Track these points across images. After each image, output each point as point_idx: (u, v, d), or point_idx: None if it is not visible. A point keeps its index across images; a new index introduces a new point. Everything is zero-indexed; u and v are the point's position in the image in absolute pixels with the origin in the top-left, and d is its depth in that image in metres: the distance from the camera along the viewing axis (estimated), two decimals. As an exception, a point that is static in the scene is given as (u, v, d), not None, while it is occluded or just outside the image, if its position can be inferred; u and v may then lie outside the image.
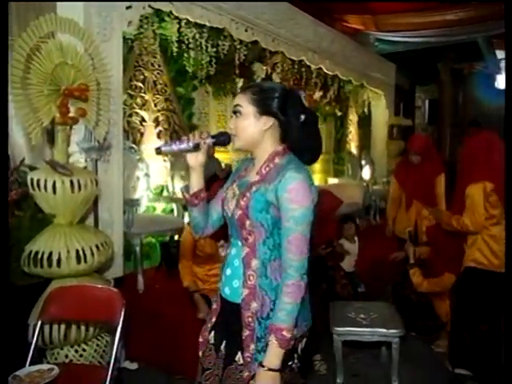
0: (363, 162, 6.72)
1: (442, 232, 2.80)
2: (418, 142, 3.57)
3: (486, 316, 2.53)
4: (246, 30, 4.10)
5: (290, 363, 1.40)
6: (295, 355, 1.42)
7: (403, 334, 2.57)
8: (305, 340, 1.45)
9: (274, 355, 1.30)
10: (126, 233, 3.19)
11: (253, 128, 1.39)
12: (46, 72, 2.18)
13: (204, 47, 3.80)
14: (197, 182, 1.50)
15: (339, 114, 6.78)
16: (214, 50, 3.90)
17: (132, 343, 2.79)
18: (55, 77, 2.23)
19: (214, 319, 1.50)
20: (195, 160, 1.46)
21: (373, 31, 7.49)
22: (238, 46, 4.10)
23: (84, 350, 2.36)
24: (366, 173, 6.62)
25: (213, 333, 1.49)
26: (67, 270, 2.24)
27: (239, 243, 1.42)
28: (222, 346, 1.45)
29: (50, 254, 2.20)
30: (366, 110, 6.94)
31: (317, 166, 6.68)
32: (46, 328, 2.18)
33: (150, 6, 3.17)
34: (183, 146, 1.42)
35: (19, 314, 2.22)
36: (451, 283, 2.72)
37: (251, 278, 1.37)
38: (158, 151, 1.43)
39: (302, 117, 1.40)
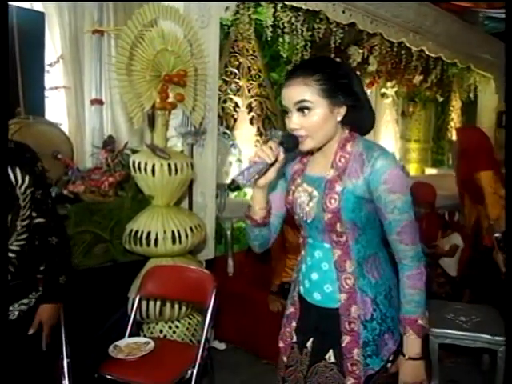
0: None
1: None
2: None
3: None
4: (343, 12, 3.93)
5: (390, 358, 1.31)
6: (391, 356, 1.31)
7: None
8: None
9: (414, 346, 1.26)
10: (218, 216, 3.26)
11: (328, 123, 1.20)
12: (148, 59, 2.27)
13: (299, 31, 3.72)
14: (264, 201, 1.28)
15: (441, 99, 6.31)
16: (310, 33, 3.81)
17: (221, 324, 2.86)
18: (156, 63, 2.31)
19: (294, 323, 1.39)
20: (267, 178, 1.22)
21: (483, 8, 6.83)
22: (334, 29, 3.96)
23: (177, 326, 2.46)
24: (469, 163, 6.10)
25: (293, 333, 1.40)
26: (163, 250, 2.33)
27: (326, 245, 1.29)
28: (308, 344, 1.34)
29: (149, 233, 2.31)
30: (471, 95, 6.38)
31: (413, 156, 6.31)
32: (144, 303, 2.31)
33: (247, -9, 3.16)
34: (260, 167, 1.16)
35: (121, 288, 2.37)
36: None
37: (348, 281, 1.27)
38: (236, 186, 1.14)
39: (368, 93, 1.28)
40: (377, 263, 1.29)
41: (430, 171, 6.35)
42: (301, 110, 1.18)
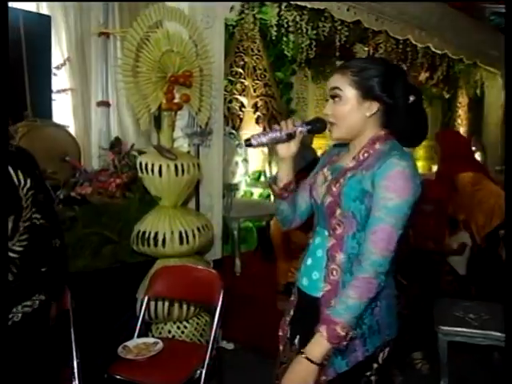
0: (473, 148, 6.17)
1: None
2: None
3: None
4: (348, 10, 3.92)
5: (367, 373, 1.25)
6: (374, 365, 1.25)
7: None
8: (387, 350, 1.28)
9: (318, 347, 1.15)
10: (225, 217, 3.26)
11: (355, 114, 1.23)
12: (154, 60, 2.27)
13: (304, 30, 3.73)
14: (287, 174, 1.36)
15: (447, 96, 6.30)
16: (314, 32, 3.81)
17: (229, 324, 2.86)
18: (162, 64, 2.31)
19: (291, 312, 1.41)
20: (287, 150, 1.32)
21: (489, 4, 6.79)
22: (339, 27, 3.96)
23: (185, 327, 2.47)
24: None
25: (289, 326, 1.40)
26: (171, 251, 2.34)
27: (325, 233, 1.29)
28: (296, 341, 1.35)
29: (156, 234, 2.31)
30: (478, 91, 6.35)
31: (420, 153, 6.30)
32: (152, 304, 2.31)
33: (251, -9, 3.16)
34: (276, 135, 1.27)
35: (129, 289, 2.38)
36: None
37: (334, 272, 1.24)
38: (248, 144, 1.28)
39: (411, 98, 1.24)
40: None
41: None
42: (333, 97, 1.25)
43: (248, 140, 1.28)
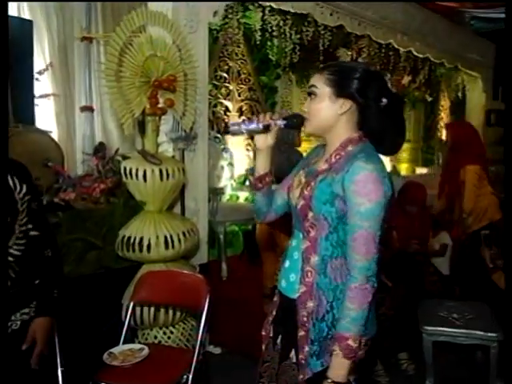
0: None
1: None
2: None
3: None
4: (331, 14, 3.96)
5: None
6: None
7: (502, 338, 2.35)
8: (364, 349, 1.28)
9: (339, 366, 1.18)
10: (211, 221, 3.26)
11: (327, 111, 1.27)
12: (137, 65, 2.27)
13: (288, 34, 3.76)
14: (263, 165, 1.41)
15: (429, 99, 6.39)
16: (298, 36, 3.84)
17: (216, 328, 2.85)
18: (146, 69, 2.31)
19: (274, 312, 1.45)
20: (264, 142, 1.37)
21: (469, 8, 6.91)
22: (323, 32, 4.00)
23: (172, 332, 2.46)
24: (459, 162, 6.16)
25: (272, 326, 1.43)
26: (156, 256, 2.33)
27: (300, 235, 1.32)
28: (278, 341, 1.39)
29: (141, 239, 2.30)
30: (459, 94, 6.46)
31: (404, 155, 6.37)
32: (138, 309, 2.30)
33: (235, -5, 3.18)
34: (252, 126, 1.34)
35: (114, 295, 2.36)
36: None
37: (309, 274, 1.26)
38: (227, 130, 1.39)
39: (384, 100, 1.26)
40: (344, 268, 1.23)
41: (421, 170, 6.40)
42: (309, 94, 1.32)
43: (227, 127, 1.37)
